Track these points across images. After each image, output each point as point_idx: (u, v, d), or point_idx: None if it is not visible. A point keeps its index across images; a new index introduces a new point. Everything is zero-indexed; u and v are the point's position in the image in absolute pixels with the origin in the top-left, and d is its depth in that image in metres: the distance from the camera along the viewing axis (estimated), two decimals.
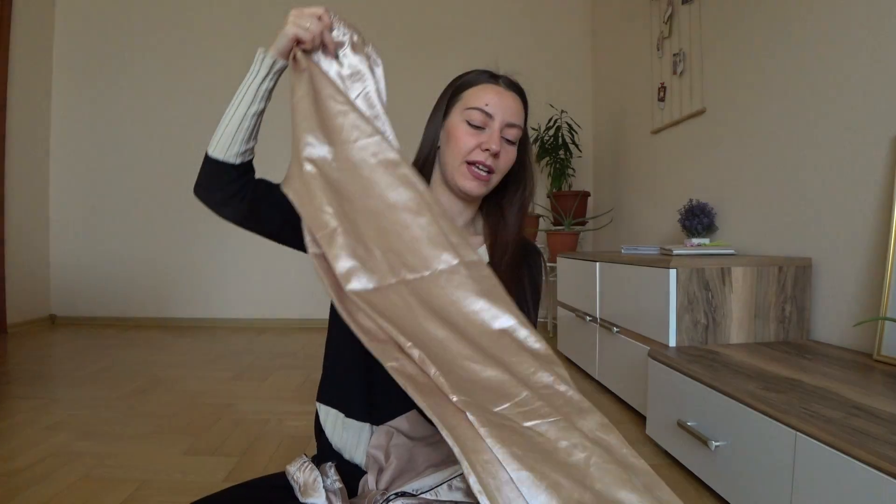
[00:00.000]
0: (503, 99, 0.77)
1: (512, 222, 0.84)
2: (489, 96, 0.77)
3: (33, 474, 1.21)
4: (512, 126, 0.77)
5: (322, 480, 0.67)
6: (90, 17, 3.33)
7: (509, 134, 0.78)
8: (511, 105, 0.78)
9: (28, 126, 3.14)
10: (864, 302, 1.36)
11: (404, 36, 3.37)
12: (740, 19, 1.88)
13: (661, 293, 1.47)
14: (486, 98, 0.77)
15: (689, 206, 2.00)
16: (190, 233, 3.36)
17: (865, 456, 0.73)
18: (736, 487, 1.03)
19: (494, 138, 0.75)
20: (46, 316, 3.32)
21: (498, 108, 0.76)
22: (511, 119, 0.77)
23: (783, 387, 1.03)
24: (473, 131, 0.77)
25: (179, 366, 2.30)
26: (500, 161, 0.77)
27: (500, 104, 0.76)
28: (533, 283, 0.85)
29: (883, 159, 1.30)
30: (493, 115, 0.76)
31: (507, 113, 0.77)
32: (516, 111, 0.78)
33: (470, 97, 0.78)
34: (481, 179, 0.77)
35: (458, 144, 0.77)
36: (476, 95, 0.78)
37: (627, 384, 1.70)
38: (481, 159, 0.76)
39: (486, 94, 0.77)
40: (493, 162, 0.76)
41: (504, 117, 0.77)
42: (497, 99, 0.77)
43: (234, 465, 1.29)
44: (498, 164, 0.77)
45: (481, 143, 0.76)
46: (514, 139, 0.78)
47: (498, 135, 0.76)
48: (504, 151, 0.77)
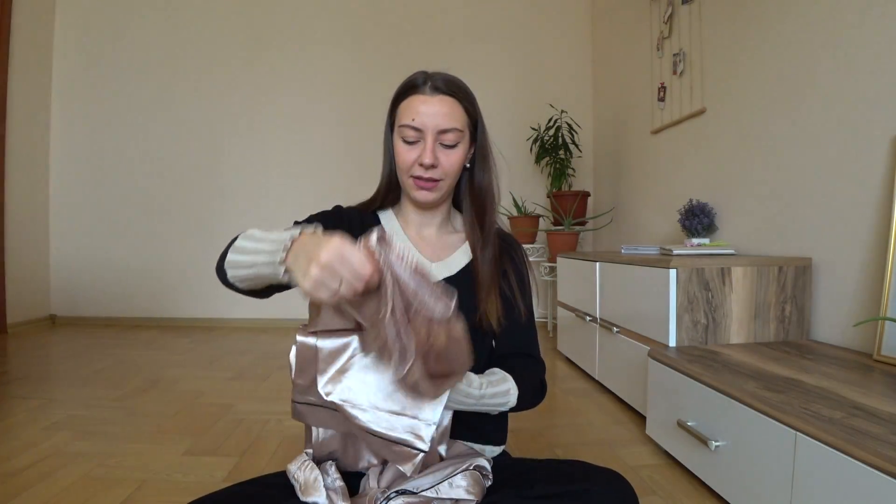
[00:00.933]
0: (430, 107, 0.77)
1: (486, 208, 0.85)
2: (416, 108, 0.77)
3: (33, 474, 1.21)
4: (445, 131, 0.77)
5: (322, 479, 0.67)
6: (90, 19, 3.33)
7: (445, 139, 0.78)
8: (440, 110, 0.77)
9: (28, 126, 3.14)
10: (864, 302, 1.36)
11: (403, 36, 3.37)
12: (740, 19, 1.88)
13: (661, 293, 1.47)
14: (413, 112, 0.77)
15: (689, 206, 2.01)
16: (190, 233, 3.36)
17: (865, 456, 0.73)
18: (736, 487, 1.03)
19: (427, 152, 0.77)
20: (46, 316, 3.31)
21: (427, 119, 0.77)
22: (443, 125, 0.77)
23: (783, 387, 1.03)
24: (409, 147, 0.78)
25: (179, 366, 2.30)
26: (443, 167, 0.79)
27: (427, 113, 0.77)
28: (518, 274, 0.87)
29: (883, 159, 1.30)
30: (422, 127, 0.77)
31: (438, 120, 0.77)
32: (448, 114, 0.78)
33: (400, 114, 0.80)
34: (428, 189, 0.80)
35: (399, 163, 0.80)
36: (404, 111, 0.79)
37: (627, 384, 1.70)
38: (420, 174, 0.78)
39: (413, 106, 0.78)
40: (433, 172, 0.78)
41: (435, 125, 0.77)
42: (424, 108, 0.77)
43: (234, 465, 1.29)
44: (440, 171, 0.79)
45: (418, 157, 0.78)
46: (452, 142, 0.79)
47: (431, 146, 0.77)
48: (445, 156, 0.78)
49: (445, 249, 0.87)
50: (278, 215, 3.34)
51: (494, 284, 0.81)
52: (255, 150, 3.36)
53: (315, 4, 3.37)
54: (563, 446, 1.43)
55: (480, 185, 0.86)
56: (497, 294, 0.81)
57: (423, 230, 0.88)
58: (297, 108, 3.38)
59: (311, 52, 3.37)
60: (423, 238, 0.88)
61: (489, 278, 0.81)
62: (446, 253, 0.87)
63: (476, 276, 0.82)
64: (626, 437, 1.49)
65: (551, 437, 1.49)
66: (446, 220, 0.90)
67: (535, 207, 3.34)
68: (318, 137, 3.37)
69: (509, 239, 0.90)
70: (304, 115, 3.38)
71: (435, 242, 0.88)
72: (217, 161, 3.35)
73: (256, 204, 3.37)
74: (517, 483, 0.70)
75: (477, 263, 0.83)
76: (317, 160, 3.36)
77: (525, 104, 3.41)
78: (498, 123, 3.42)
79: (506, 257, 0.86)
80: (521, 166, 3.43)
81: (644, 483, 1.20)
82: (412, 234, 0.88)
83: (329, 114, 3.37)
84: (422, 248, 0.86)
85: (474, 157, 0.85)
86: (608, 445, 1.43)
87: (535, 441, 1.46)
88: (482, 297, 0.80)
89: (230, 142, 3.34)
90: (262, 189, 3.37)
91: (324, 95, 3.37)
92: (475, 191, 0.86)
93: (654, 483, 1.20)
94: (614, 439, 1.48)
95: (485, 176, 0.86)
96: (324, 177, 3.35)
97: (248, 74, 3.35)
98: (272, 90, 3.36)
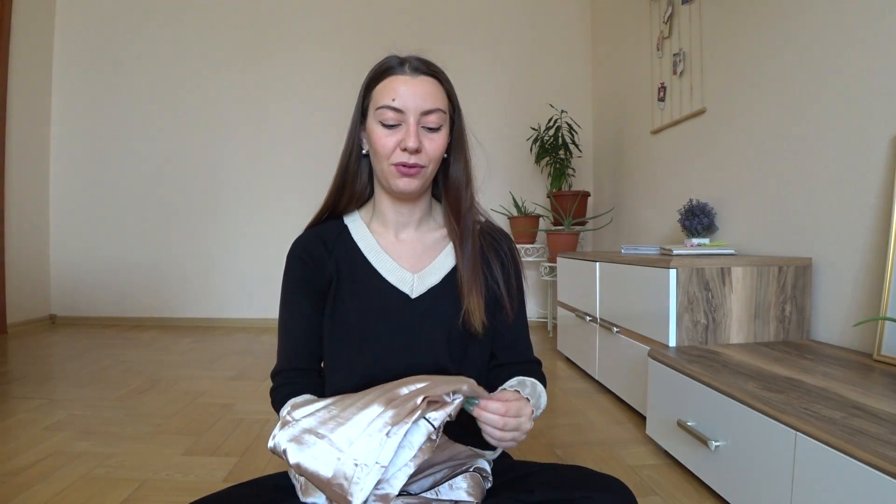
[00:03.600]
0: (411, 87, 0.71)
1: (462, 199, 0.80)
2: (395, 88, 0.71)
3: (34, 474, 1.21)
4: (429, 112, 0.72)
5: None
6: (90, 17, 3.33)
7: (429, 122, 0.72)
8: (422, 90, 0.72)
9: (28, 126, 3.14)
10: (864, 302, 1.36)
11: (403, 36, 3.37)
12: (740, 19, 1.88)
13: (661, 293, 1.47)
14: (392, 92, 0.71)
15: (689, 206, 2.01)
16: (190, 233, 3.36)
17: (865, 456, 0.73)
18: (736, 487, 1.03)
19: (411, 134, 0.71)
20: (46, 316, 3.32)
21: (408, 99, 0.71)
22: (426, 106, 0.72)
23: (783, 387, 1.03)
24: (389, 131, 0.72)
25: (179, 366, 2.30)
26: (426, 152, 0.73)
27: (409, 94, 0.71)
28: (506, 271, 0.82)
29: (883, 159, 1.30)
30: (403, 109, 0.71)
31: (420, 100, 0.71)
32: (430, 94, 0.72)
33: (378, 95, 0.73)
34: (411, 175, 0.73)
35: (378, 148, 0.74)
36: (383, 92, 0.73)
37: (627, 384, 1.70)
38: (403, 160, 0.72)
39: (392, 87, 0.72)
40: (418, 157, 0.72)
41: (417, 106, 0.71)
42: (405, 89, 0.71)
43: (234, 465, 1.29)
44: (425, 157, 0.73)
45: (399, 141, 0.72)
46: (436, 125, 0.73)
47: (414, 129, 0.71)
48: (428, 141, 0.73)
49: (427, 254, 0.81)
50: (278, 215, 3.34)
51: (476, 282, 0.77)
52: (255, 150, 3.36)
53: (314, 5, 3.37)
54: (562, 446, 1.43)
55: (457, 176, 0.80)
56: (479, 293, 0.77)
57: (402, 232, 0.82)
58: (298, 109, 3.38)
59: (310, 53, 3.37)
60: (402, 242, 0.82)
61: (471, 275, 0.77)
62: (429, 258, 0.81)
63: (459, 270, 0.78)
64: (626, 437, 1.49)
65: (551, 437, 1.49)
66: (427, 214, 0.83)
67: (535, 207, 3.34)
68: (318, 137, 3.37)
69: (496, 233, 0.85)
70: (305, 114, 3.38)
71: (415, 246, 0.82)
72: (217, 161, 3.35)
73: (257, 204, 3.37)
74: (517, 487, 0.70)
75: (458, 255, 0.79)
76: (317, 160, 3.36)
77: (525, 104, 3.41)
78: (498, 123, 3.43)
79: (492, 252, 0.81)
80: (521, 166, 3.43)
81: (644, 483, 1.20)
82: (389, 239, 0.81)
83: (329, 113, 3.37)
84: (400, 258, 0.80)
85: (451, 146, 0.79)
86: (608, 445, 1.43)
87: (534, 441, 1.45)
88: (464, 295, 0.76)
89: (230, 142, 3.34)
90: (263, 189, 3.37)
91: (323, 95, 3.37)
92: (452, 181, 0.80)
93: (654, 483, 1.20)
94: (614, 439, 1.48)
95: (463, 165, 0.80)
96: (324, 176, 3.34)
97: (248, 75, 3.35)
98: (273, 90, 3.36)
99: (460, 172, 0.80)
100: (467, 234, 0.79)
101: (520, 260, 0.86)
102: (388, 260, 0.79)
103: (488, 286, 0.80)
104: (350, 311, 0.77)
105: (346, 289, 0.78)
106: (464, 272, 0.77)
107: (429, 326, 0.76)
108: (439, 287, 0.79)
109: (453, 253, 0.81)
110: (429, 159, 0.74)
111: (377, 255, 0.80)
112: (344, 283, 0.78)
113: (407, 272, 0.79)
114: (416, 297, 0.77)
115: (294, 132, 3.37)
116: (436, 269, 0.80)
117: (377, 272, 0.78)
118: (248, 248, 3.37)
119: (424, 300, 0.77)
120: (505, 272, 0.82)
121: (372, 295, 0.77)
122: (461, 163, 0.80)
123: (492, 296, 0.80)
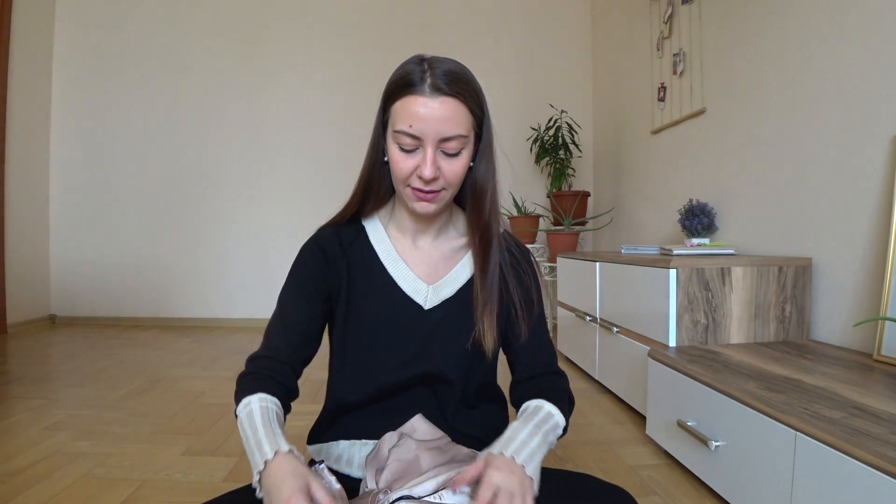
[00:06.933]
0: (430, 111, 0.65)
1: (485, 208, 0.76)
2: (413, 112, 0.65)
3: (33, 474, 1.21)
4: (448, 140, 0.67)
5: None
6: (90, 17, 3.33)
7: (448, 148, 0.67)
8: (441, 115, 0.65)
9: (28, 126, 3.14)
10: (864, 302, 1.36)
11: (403, 36, 3.37)
12: (740, 19, 1.88)
13: (661, 293, 1.47)
14: (411, 117, 0.65)
15: (689, 206, 2.00)
16: (190, 233, 3.36)
17: (865, 456, 0.73)
18: (736, 487, 1.03)
19: (427, 164, 0.66)
20: (46, 316, 3.32)
21: (426, 126, 0.65)
22: (445, 132, 0.66)
23: (783, 387, 1.03)
24: (406, 155, 0.68)
25: (179, 366, 2.30)
26: (445, 177, 0.69)
27: (427, 119, 0.65)
28: (524, 287, 0.79)
29: (883, 159, 1.30)
30: (421, 136, 0.66)
31: (439, 126, 0.65)
32: (451, 119, 0.66)
33: (395, 116, 0.68)
34: (428, 200, 0.70)
35: (395, 171, 0.70)
36: (400, 114, 0.67)
37: (627, 384, 1.70)
38: (419, 186, 0.69)
39: (410, 110, 0.66)
40: (434, 184, 0.69)
41: (436, 133, 0.66)
42: (423, 112, 0.65)
43: (234, 465, 1.29)
44: (442, 181, 0.69)
45: (416, 167, 0.68)
46: (455, 151, 0.68)
47: (432, 156, 0.66)
48: (447, 165, 0.68)
49: (444, 263, 0.79)
50: (278, 215, 3.34)
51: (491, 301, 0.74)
52: (255, 150, 3.36)
53: (314, 5, 3.37)
54: (563, 446, 1.43)
55: (483, 185, 0.76)
56: (493, 313, 0.74)
57: (420, 239, 0.79)
58: (297, 108, 3.38)
59: (309, 52, 3.37)
60: (420, 249, 0.79)
61: (487, 294, 0.74)
62: (445, 269, 0.79)
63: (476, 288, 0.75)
64: (626, 437, 1.49)
65: None
66: (447, 222, 0.81)
67: (535, 207, 3.34)
68: (318, 137, 3.37)
69: (515, 247, 0.82)
70: (304, 114, 3.37)
71: (433, 254, 0.79)
72: (217, 161, 3.35)
73: (257, 203, 3.37)
74: None
75: (476, 272, 0.76)
76: (317, 160, 3.36)
77: (525, 104, 3.41)
78: (498, 123, 3.37)
79: (510, 267, 0.78)
80: (521, 166, 3.43)
81: (644, 483, 1.20)
82: (406, 245, 0.79)
83: (329, 113, 3.37)
84: (417, 266, 0.78)
85: (476, 153, 0.74)
86: (608, 445, 1.43)
87: None
88: (478, 314, 0.74)
89: (230, 142, 3.34)
90: (263, 189, 3.37)
91: (323, 95, 3.37)
92: (475, 189, 0.76)
93: (654, 483, 1.20)
94: (614, 439, 1.48)
95: (488, 175, 0.76)
96: (324, 176, 3.35)
97: (248, 75, 3.35)
98: (272, 90, 3.36)
99: (486, 182, 0.76)
100: (488, 248, 0.76)
101: (539, 272, 0.84)
102: (404, 267, 0.78)
103: (503, 303, 0.77)
104: (361, 315, 0.76)
105: (358, 292, 0.77)
106: (480, 291, 0.75)
107: (439, 339, 0.75)
108: (453, 300, 0.77)
109: (471, 263, 0.79)
110: (447, 183, 0.70)
111: (393, 262, 0.78)
112: (357, 286, 0.77)
113: (422, 282, 0.77)
114: (428, 309, 0.76)
115: (294, 132, 3.37)
116: (451, 280, 0.78)
117: (392, 279, 0.77)
118: (247, 247, 3.37)
119: (437, 312, 0.76)
120: (523, 288, 0.79)
121: (385, 302, 0.76)
122: (486, 172, 0.76)
123: (505, 312, 0.78)
